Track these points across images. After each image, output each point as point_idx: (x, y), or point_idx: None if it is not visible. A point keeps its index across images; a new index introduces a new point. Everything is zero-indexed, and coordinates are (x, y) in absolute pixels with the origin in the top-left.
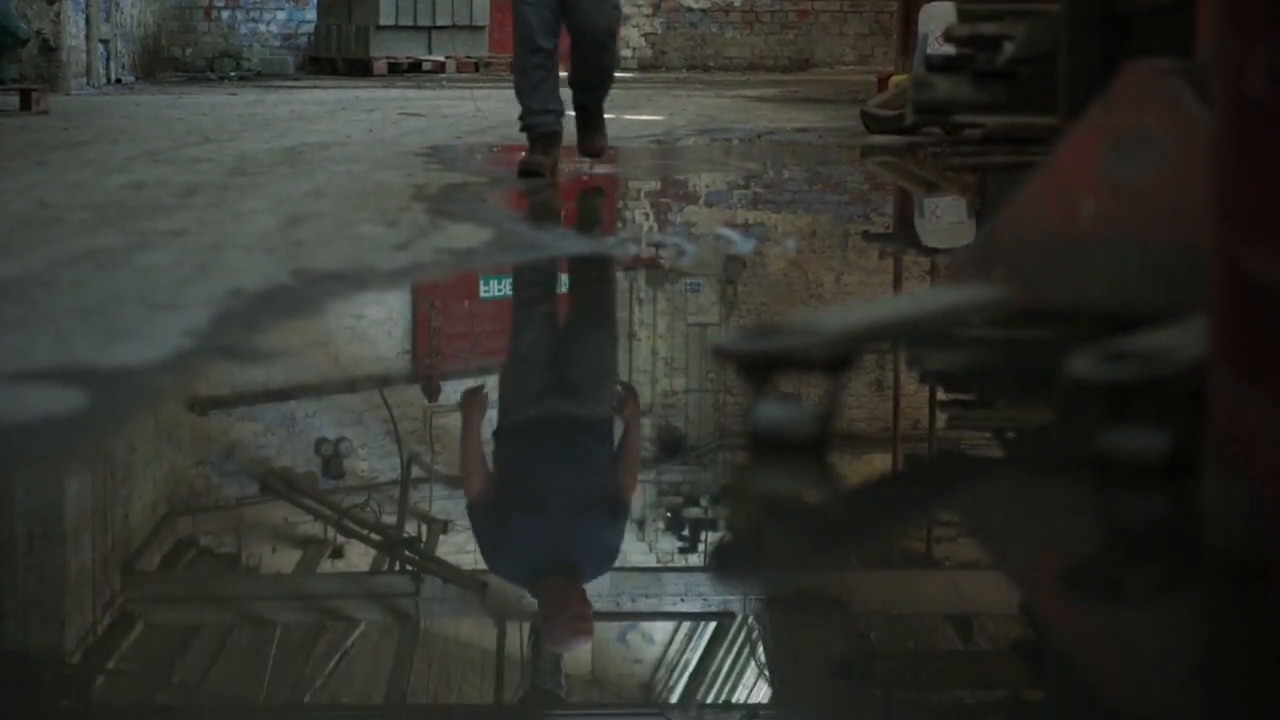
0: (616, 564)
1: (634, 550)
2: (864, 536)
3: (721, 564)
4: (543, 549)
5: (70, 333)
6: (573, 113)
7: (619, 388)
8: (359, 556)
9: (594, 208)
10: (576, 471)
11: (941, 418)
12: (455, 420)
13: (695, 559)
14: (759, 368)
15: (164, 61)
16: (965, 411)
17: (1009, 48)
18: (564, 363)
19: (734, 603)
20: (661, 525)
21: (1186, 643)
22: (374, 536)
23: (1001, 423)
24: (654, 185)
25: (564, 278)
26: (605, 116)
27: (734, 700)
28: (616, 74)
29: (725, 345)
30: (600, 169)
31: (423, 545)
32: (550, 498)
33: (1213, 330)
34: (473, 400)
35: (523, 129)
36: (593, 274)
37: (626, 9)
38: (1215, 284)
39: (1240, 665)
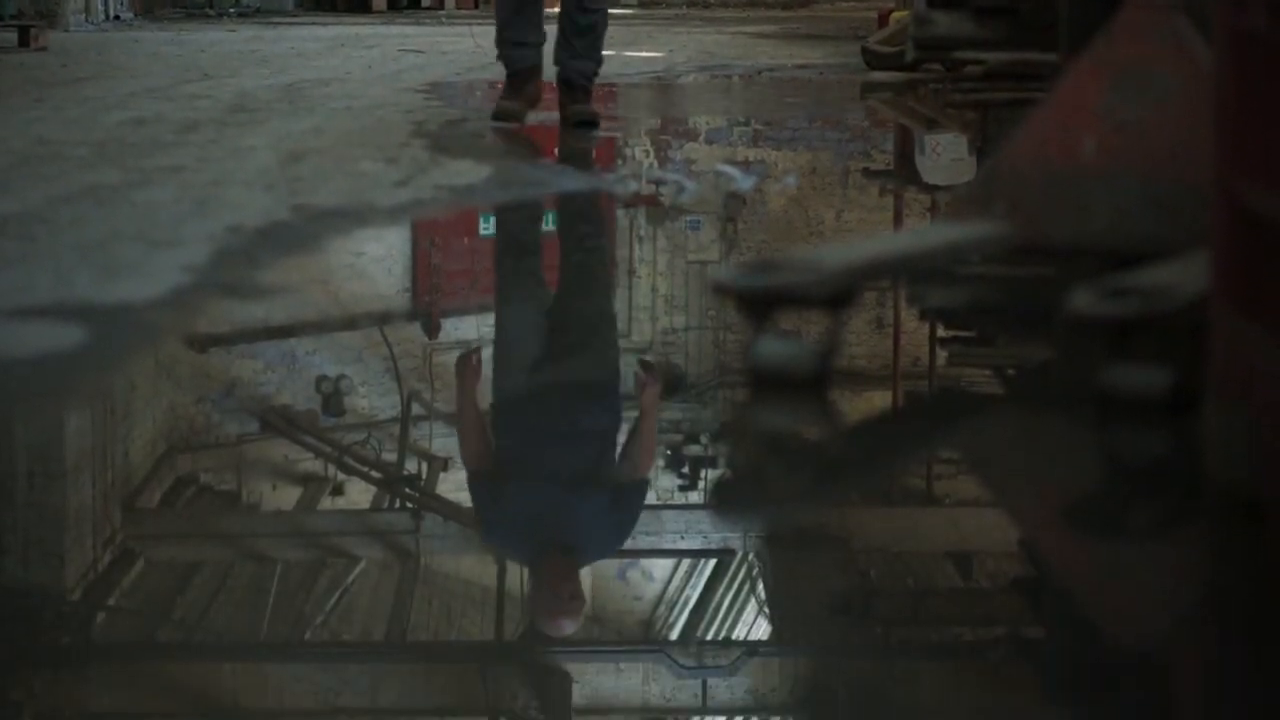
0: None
1: None
2: (864, 473)
3: (721, 501)
4: (541, 529)
5: (70, 269)
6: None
7: (638, 369)
8: (359, 494)
9: (594, 144)
10: (585, 454)
11: (942, 355)
12: (455, 357)
13: (695, 496)
14: (759, 304)
15: None
16: (965, 348)
17: None
18: (563, 305)
19: (734, 540)
20: (661, 462)
21: (1187, 578)
22: (374, 474)
23: (1002, 359)
24: (654, 122)
25: (563, 215)
26: (604, 53)
27: (734, 637)
28: (615, 10)
29: (725, 282)
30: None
31: (423, 482)
32: (553, 477)
33: (1213, 266)
34: (467, 366)
35: (499, 58)
36: (592, 211)
37: None
38: (1216, 219)
39: (1241, 599)
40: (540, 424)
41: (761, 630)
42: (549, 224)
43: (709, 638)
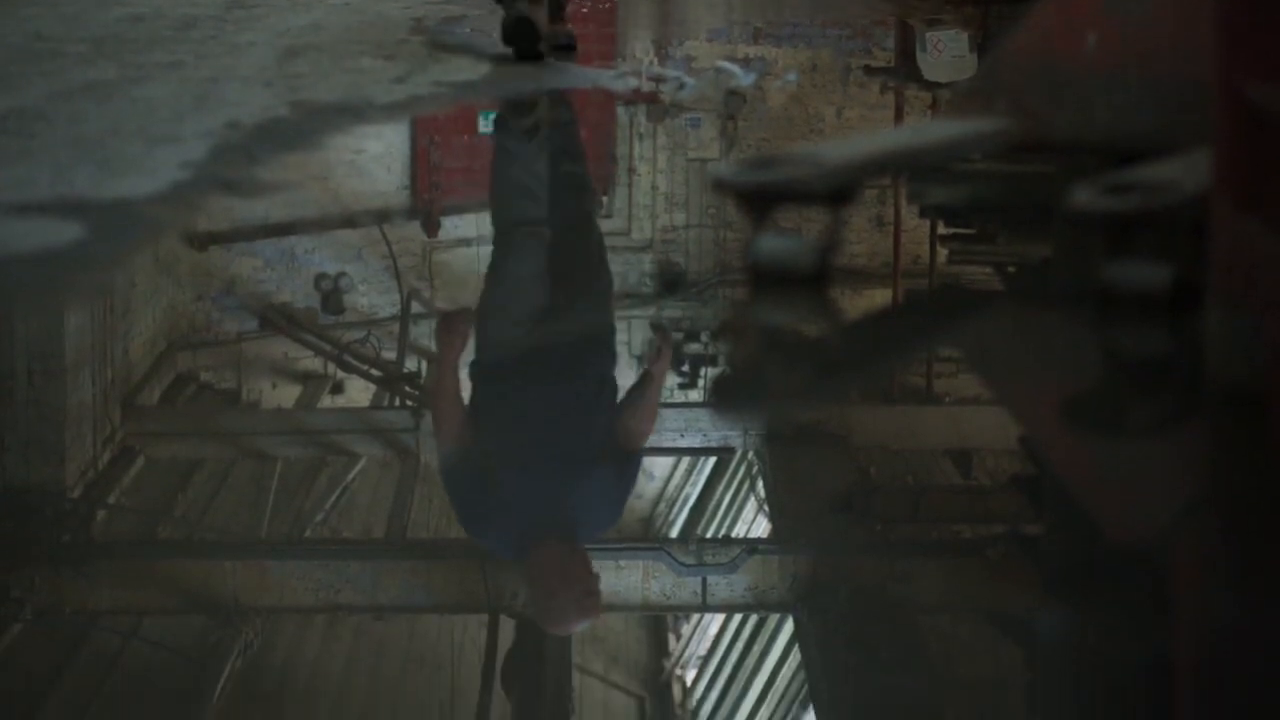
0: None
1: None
2: (864, 370)
3: (721, 398)
4: (536, 511)
5: (68, 165)
6: None
7: (652, 334)
8: (359, 392)
9: (594, 40)
10: (576, 416)
11: (942, 252)
12: (454, 256)
13: (695, 394)
14: (759, 201)
15: None
16: (966, 245)
17: None
18: (560, 204)
19: (733, 438)
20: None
21: (1186, 474)
22: (374, 371)
23: (1002, 256)
24: (653, 19)
25: (562, 111)
26: None
27: (734, 534)
28: None
29: (725, 178)
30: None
31: (422, 380)
32: (544, 449)
33: (1215, 161)
34: (450, 332)
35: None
36: (592, 107)
37: None
38: (1218, 115)
39: (1240, 495)
40: (526, 389)
41: (761, 528)
42: (548, 120)
43: (708, 535)
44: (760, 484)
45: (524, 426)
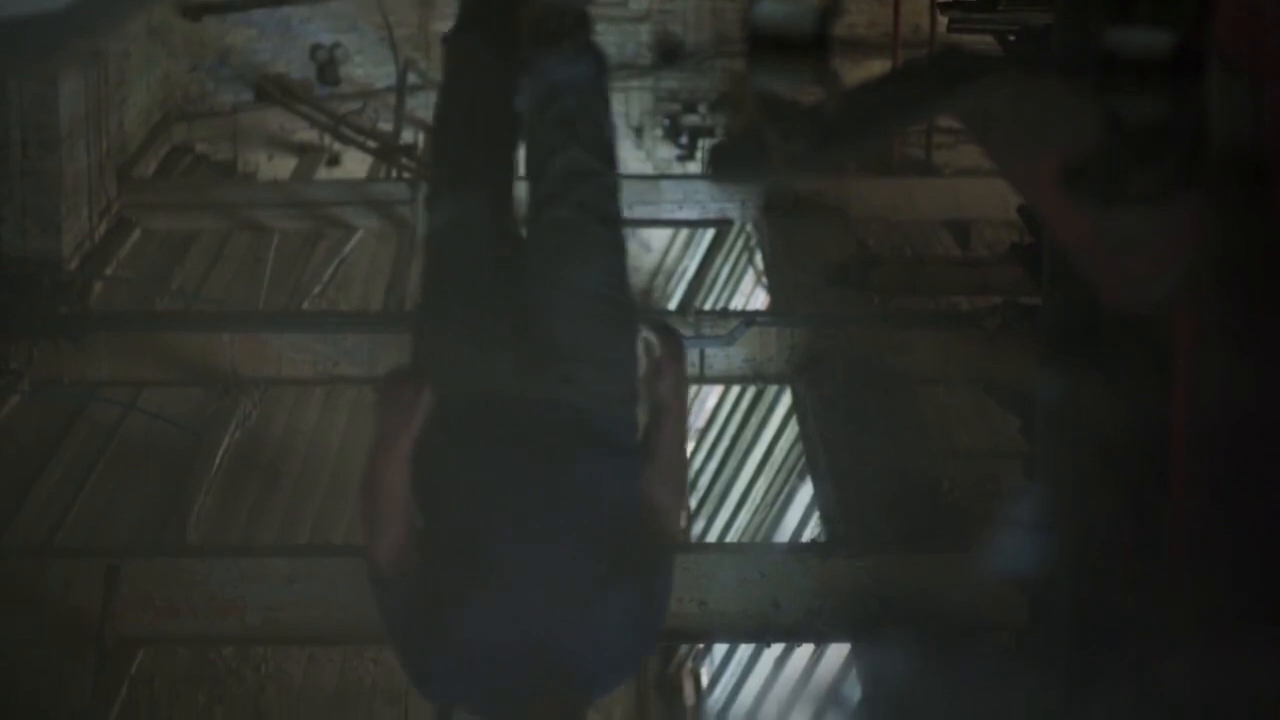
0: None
1: (631, 159)
2: (863, 141)
3: (719, 170)
4: (526, 665)
5: None
6: None
7: (652, 334)
8: (355, 163)
9: None
10: (580, 504)
11: (942, 20)
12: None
13: (693, 166)
14: None
15: None
16: (966, 14)
17: None
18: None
19: (731, 209)
20: (659, 133)
21: (1186, 240)
22: (370, 143)
23: (1003, 24)
24: None
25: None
26: None
27: (731, 306)
28: None
29: None
30: None
31: (419, 152)
32: (536, 566)
33: None
34: (398, 392)
35: None
36: None
37: None
38: None
39: (1242, 261)
40: (506, 469)
41: (759, 300)
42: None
43: (706, 308)
44: (758, 256)
45: (504, 530)
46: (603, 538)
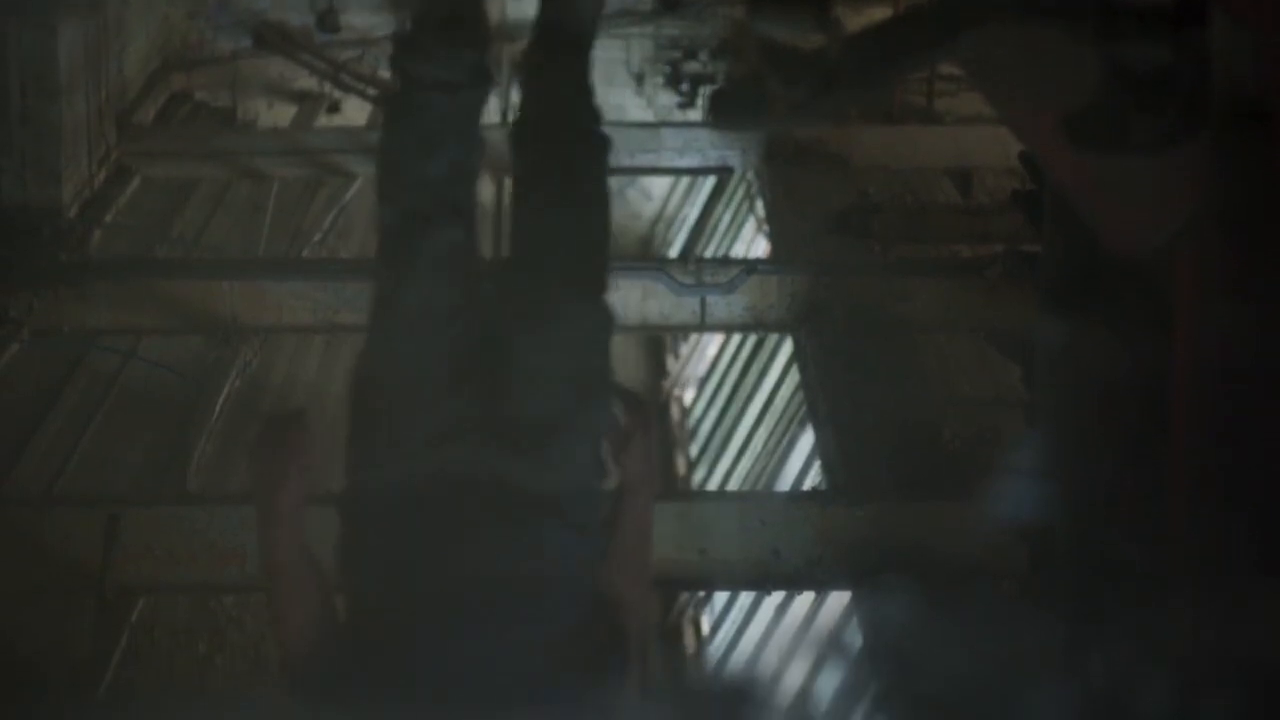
0: (615, 119)
1: (632, 106)
2: (864, 88)
3: (719, 117)
4: None
5: None
6: None
7: (617, 401)
8: (355, 111)
9: None
10: (533, 598)
11: None
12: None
13: (694, 113)
14: None
15: None
16: None
17: None
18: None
19: (732, 157)
20: (660, 80)
21: (1188, 187)
22: (370, 91)
23: None
24: None
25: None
26: None
27: (732, 254)
28: None
29: None
30: None
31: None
32: (478, 666)
33: None
34: (280, 442)
35: None
36: None
37: None
38: None
39: (1241, 205)
40: (444, 551)
41: (760, 248)
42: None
43: (707, 255)
44: (759, 203)
45: (438, 618)
46: (553, 631)
